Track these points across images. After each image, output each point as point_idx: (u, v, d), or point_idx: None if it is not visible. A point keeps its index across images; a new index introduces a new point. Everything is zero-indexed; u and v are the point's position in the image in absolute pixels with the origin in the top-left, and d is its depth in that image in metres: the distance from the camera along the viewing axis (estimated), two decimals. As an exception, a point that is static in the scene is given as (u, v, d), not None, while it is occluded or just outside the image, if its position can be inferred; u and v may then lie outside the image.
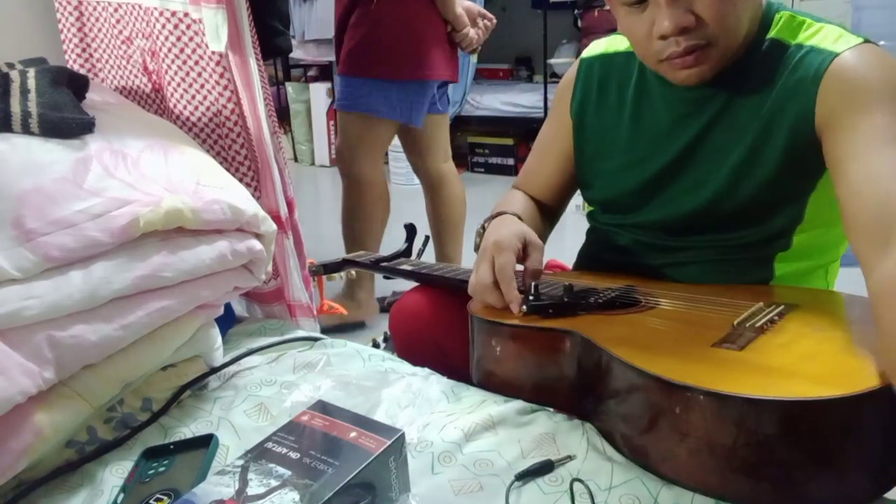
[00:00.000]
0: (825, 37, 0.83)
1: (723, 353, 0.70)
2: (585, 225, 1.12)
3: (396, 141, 2.25)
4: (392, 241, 1.31)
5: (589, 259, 1.11)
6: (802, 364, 0.67)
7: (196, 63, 1.11)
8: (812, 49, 0.82)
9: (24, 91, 0.92)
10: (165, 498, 0.71)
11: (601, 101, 1.02)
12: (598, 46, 1.04)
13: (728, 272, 0.92)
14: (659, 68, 0.87)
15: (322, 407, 0.73)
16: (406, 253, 1.27)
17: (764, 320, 0.75)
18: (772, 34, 0.86)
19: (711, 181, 0.89)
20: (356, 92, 2.04)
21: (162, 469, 0.77)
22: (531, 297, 0.86)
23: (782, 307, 0.79)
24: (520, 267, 0.91)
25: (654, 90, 0.95)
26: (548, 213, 1.13)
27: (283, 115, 5.08)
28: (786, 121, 0.83)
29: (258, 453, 0.66)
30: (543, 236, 1.09)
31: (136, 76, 1.24)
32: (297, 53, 4.76)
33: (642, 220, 0.98)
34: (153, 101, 1.23)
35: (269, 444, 0.67)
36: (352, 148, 2.10)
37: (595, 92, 1.02)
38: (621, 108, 0.99)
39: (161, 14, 1.10)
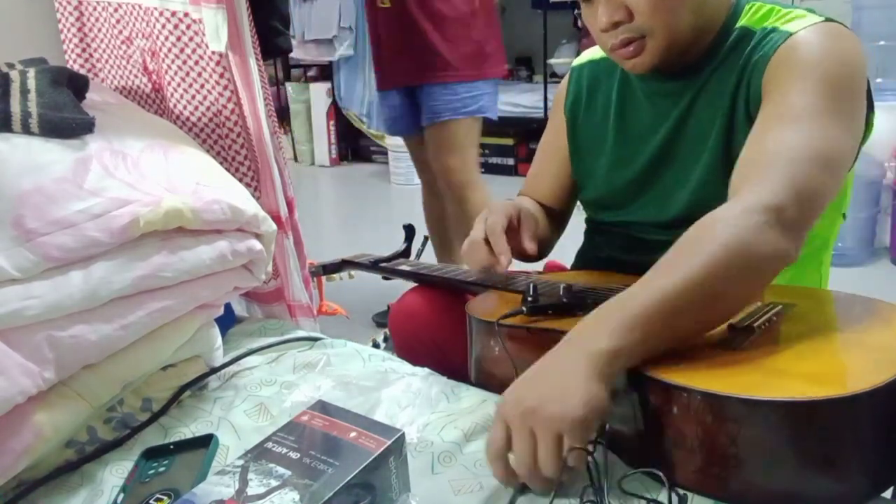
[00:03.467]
0: (789, 19, 0.86)
1: (720, 353, 0.70)
2: (585, 225, 1.12)
3: (397, 141, 2.25)
4: (392, 241, 1.31)
5: (587, 258, 1.11)
6: (799, 364, 0.67)
7: (196, 63, 1.11)
8: (774, 30, 0.86)
9: (24, 91, 0.92)
10: (165, 498, 0.71)
11: (590, 101, 1.05)
12: (587, 54, 1.09)
13: None
14: (612, 59, 0.91)
15: (322, 407, 0.73)
16: (405, 253, 1.27)
17: (761, 320, 0.75)
18: (741, 23, 0.89)
19: (694, 171, 0.91)
20: (468, 95, 2.01)
21: (162, 469, 0.77)
22: (530, 298, 0.86)
23: (779, 307, 0.79)
24: (520, 268, 0.91)
25: (636, 87, 0.99)
26: (554, 218, 1.13)
27: (283, 115, 5.08)
28: (747, 99, 0.86)
29: (258, 453, 0.66)
30: (550, 241, 1.11)
31: (136, 76, 1.24)
32: (297, 53, 4.76)
33: (634, 217, 0.99)
34: (153, 101, 1.23)
35: (269, 444, 0.67)
36: (466, 154, 2.08)
37: (585, 93, 1.06)
38: (607, 107, 1.03)
39: (161, 14, 1.10)
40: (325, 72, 5.02)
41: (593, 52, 1.07)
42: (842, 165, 0.79)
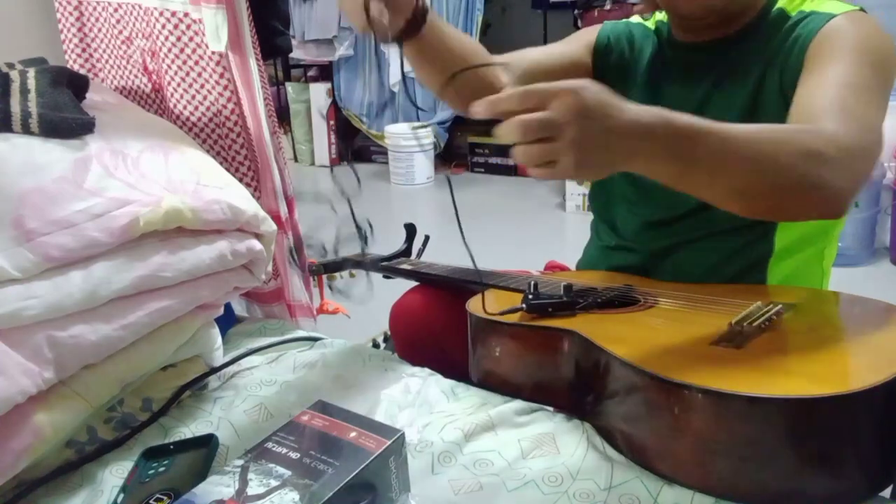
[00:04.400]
0: (825, 4, 0.88)
1: (721, 351, 0.70)
2: (585, 225, 1.12)
3: (396, 140, 2.22)
4: (392, 241, 1.31)
5: (593, 251, 1.11)
6: (800, 363, 0.68)
7: (196, 63, 1.11)
8: (812, 13, 0.88)
9: (24, 91, 0.92)
10: (165, 498, 0.71)
11: (621, 56, 1.05)
12: (621, 20, 1.10)
13: (729, 247, 0.93)
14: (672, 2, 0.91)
15: (322, 407, 0.73)
16: (406, 252, 1.27)
17: (762, 319, 0.75)
18: (779, 5, 0.92)
19: None
20: None
21: (162, 469, 0.77)
22: (531, 296, 0.86)
23: (780, 306, 0.79)
24: (520, 268, 0.90)
25: (668, 57, 1.00)
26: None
27: (283, 115, 5.08)
28: (781, 77, 0.87)
29: (258, 453, 0.66)
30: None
31: (136, 76, 1.24)
32: (297, 53, 4.76)
33: (653, 190, 0.97)
34: (153, 101, 1.23)
35: (269, 444, 0.67)
36: None
37: (617, 46, 1.05)
38: (635, 69, 1.03)
39: (161, 14, 1.10)
40: (325, 72, 5.02)
41: (631, 19, 1.09)
42: (880, 135, 0.78)
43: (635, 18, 1.09)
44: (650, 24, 1.06)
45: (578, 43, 1.08)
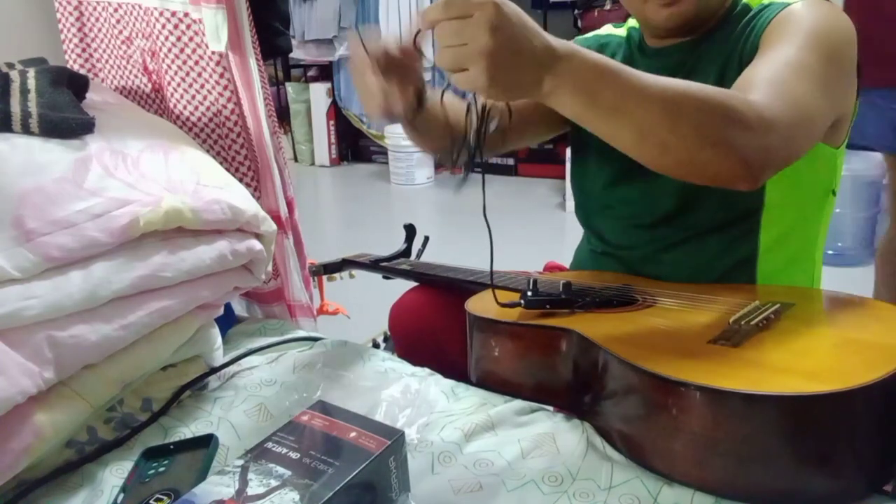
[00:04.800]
0: None
1: (719, 349, 0.70)
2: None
3: (397, 141, 2.20)
4: (392, 241, 1.31)
5: (583, 255, 1.12)
6: (797, 360, 0.68)
7: (196, 63, 1.11)
8: (771, 3, 0.89)
9: (24, 91, 0.92)
10: (165, 498, 0.71)
11: None
12: (593, 33, 1.12)
13: (714, 247, 0.94)
14: (645, 10, 0.92)
15: (322, 407, 0.73)
16: (406, 253, 1.28)
17: (759, 318, 0.75)
18: (744, 0, 0.93)
19: None
20: None
21: (162, 469, 0.77)
22: (529, 294, 0.86)
23: (778, 305, 0.79)
24: (519, 269, 0.91)
25: (639, 65, 0.98)
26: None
27: (283, 115, 5.08)
28: (741, 63, 0.87)
29: (258, 453, 0.66)
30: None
31: (136, 76, 1.24)
32: (297, 53, 4.77)
33: (630, 195, 0.99)
34: (153, 101, 1.23)
35: (269, 444, 0.67)
36: None
37: None
38: None
39: (161, 14, 1.10)
40: (325, 72, 5.02)
41: (600, 31, 1.11)
42: (813, 120, 0.77)
43: (605, 29, 1.11)
44: (622, 33, 1.07)
45: None
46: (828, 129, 0.85)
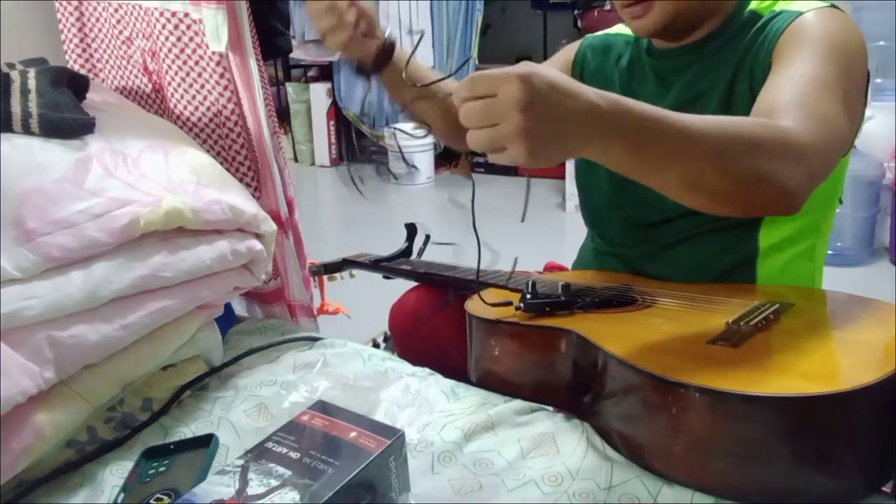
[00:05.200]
0: (796, 3, 0.89)
1: (718, 350, 0.70)
2: (585, 226, 1.12)
3: (396, 140, 2.21)
4: (392, 241, 1.31)
5: (586, 253, 1.12)
6: (796, 361, 0.68)
7: (196, 63, 1.11)
8: (782, 12, 0.89)
9: (25, 91, 0.92)
10: (166, 498, 0.71)
11: (598, 72, 1.09)
12: (604, 31, 1.14)
13: (714, 247, 0.94)
14: (623, 18, 0.94)
15: (322, 407, 0.73)
16: (406, 252, 1.28)
17: (759, 318, 0.75)
18: (751, 7, 0.93)
19: None
20: None
21: (162, 469, 0.77)
22: (528, 295, 0.86)
23: (777, 306, 0.79)
24: (520, 269, 0.91)
25: (644, 63, 1.02)
26: None
27: (283, 115, 5.08)
28: (752, 74, 0.88)
29: (258, 453, 0.66)
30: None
31: (136, 76, 1.24)
32: (297, 53, 4.76)
33: (635, 195, 0.99)
34: (153, 101, 1.23)
35: (269, 444, 0.67)
36: None
37: (593, 64, 1.10)
38: (614, 80, 1.06)
39: (161, 14, 1.10)
40: (325, 72, 5.02)
41: (610, 29, 1.12)
42: (842, 138, 0.78)
43: (615, 29, 1.12)
44: (631, 32, 1.06)
45: (557, 62, 1.13)
46: None
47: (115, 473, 0.78)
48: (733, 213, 0.73)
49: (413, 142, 4.35)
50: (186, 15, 1.08)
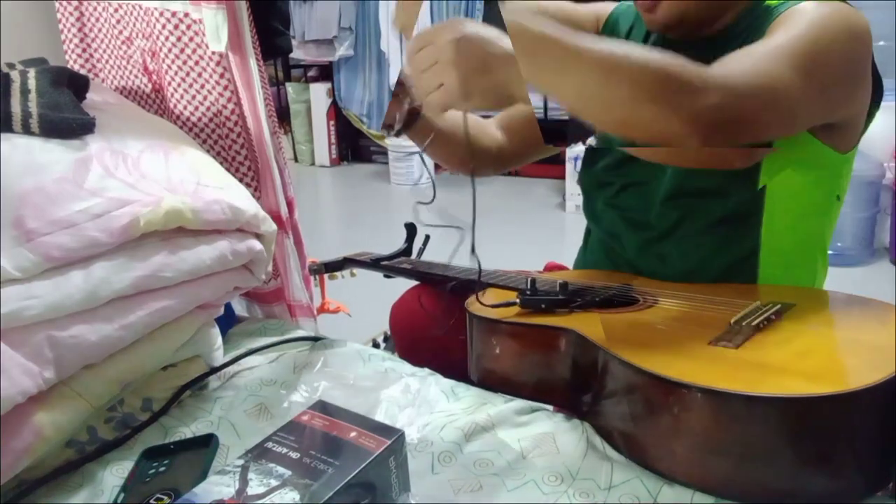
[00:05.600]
0: None
1: (719, 350, 0.70)
2: (584, 225, 1.12)
3: (397, 141, 2.20)
4: (392, 241, 1.31)
5: (589, 250, 1.12)
6: (798, 361, 0.68)
7: (196, 63, 1.11)
8: (784, 2, 0.88)
9: (25, 91, 0.92)
10: (166, 498, 0.71)
11: (625, 35, 1.08)
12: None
13: (713, 246, 0.94)
14: (638, 10, 0.96)
15: (322, 407, 0.73)
16: (406, 252, 1.28)
17: (760, 318, 0.75)
18: (766, 2, 0.91)
19: None
20: None
21: (162, 469, 0.77)
22: (528, 293, 0.86)
23: (779, 306, 0.79)
24: (520, 269, 0.91)
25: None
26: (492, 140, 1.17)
27: (283, 115, 5.08)
28: None
29: (258, 453, 0.66)
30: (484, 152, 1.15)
31: (136, 76, 1.24)
32: (297, 53, 4.77)
33: (630, 192, 1.00)
34: (153, 101, 1.23)
35: (269, 444, 0.67)
36: None
37: (626, 24, 1.08)
38: None
39: (161, 14, 1.10)
40: (325, 72, 5.02)
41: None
42: (777, 93, 0.75)
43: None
44: None
45: (588, 11, 1.12)
46: (833, 133, 0.85)
47: (115, 473, 0.78)
48: (639, 136, 0.76)
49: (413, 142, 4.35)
50: (186, 15, 1.08)
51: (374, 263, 1.26)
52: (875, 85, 0.87)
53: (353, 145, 5.25)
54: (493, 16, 0.75)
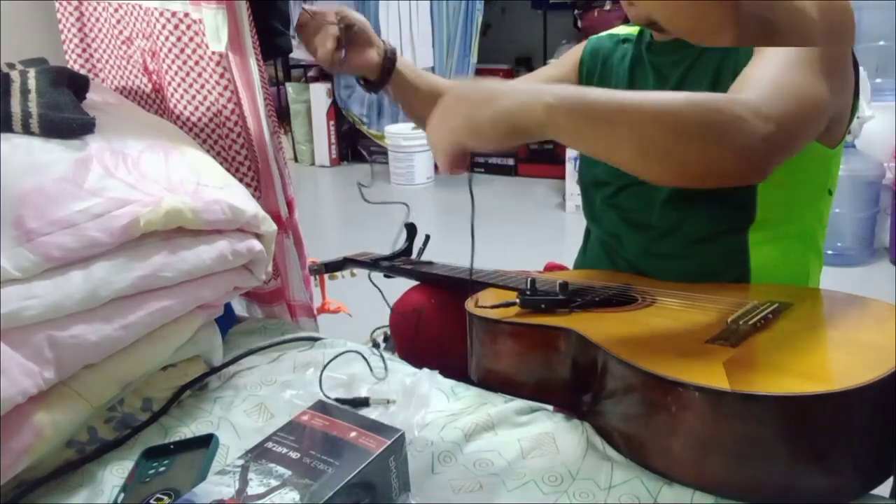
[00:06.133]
0: None
1: (716, 349, 0.70)
2: (584, 225, 1.12)
3: (397, 141, 2.21)
4: (392, 241, 1.31)
5: (587, 252, 1.13)
6: (795, 360, 0.68)
7: (196, 63, 1.11)
8: None
9: (25, 91, 0.92)
10: (166, 498, 0.71)
11: (604, 73, 1.10)
12: (607, 31, 1.14)
13: (712, 240, 0.94)
14: (622, 4, 0.95)
15: (322, 407, 0.73)
16: (407, 252, 1.28)
17: (757, 318, 0.75)
18: None
19: None
20: None
21: (162, 469, 0.77)
22: (527, 293, 0.86)
23: (776, 305, 0.79)
24: (520, 269, 0.91)
25: (646, 62, 1.03)
26: None
27: (283, 115, 5.08)
28: (735, 62, 0.87)
29: (258, 453, 0.66)
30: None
31: (136, 76, 1.24)
32: (297, 53, 4.74)
33: (629, 189, 1.00)
34: (153, 101, 1.23)
35: (269, 444, 0.67)
36: None
37: (599, 65, 1.11)
38: (618, 81, 1.06)
39: (161, 14, 1.10)
40: (325, 72, 5.02)
41: (613, 30, 1.13)
42: (817, 104, 0.77)
43: (618, 29, 1.13)
44: (635, 30, 1.08)
45: (565, 65, 1.16)
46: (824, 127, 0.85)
47: (115, 473, 0.78)
48: (696, 181, 0.75)
49: (413, 142, 4.35)
50: (186, 15, 1.09)
51: (374, 263, 1.26)
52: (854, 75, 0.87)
53: (353, 145, 5.25)
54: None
